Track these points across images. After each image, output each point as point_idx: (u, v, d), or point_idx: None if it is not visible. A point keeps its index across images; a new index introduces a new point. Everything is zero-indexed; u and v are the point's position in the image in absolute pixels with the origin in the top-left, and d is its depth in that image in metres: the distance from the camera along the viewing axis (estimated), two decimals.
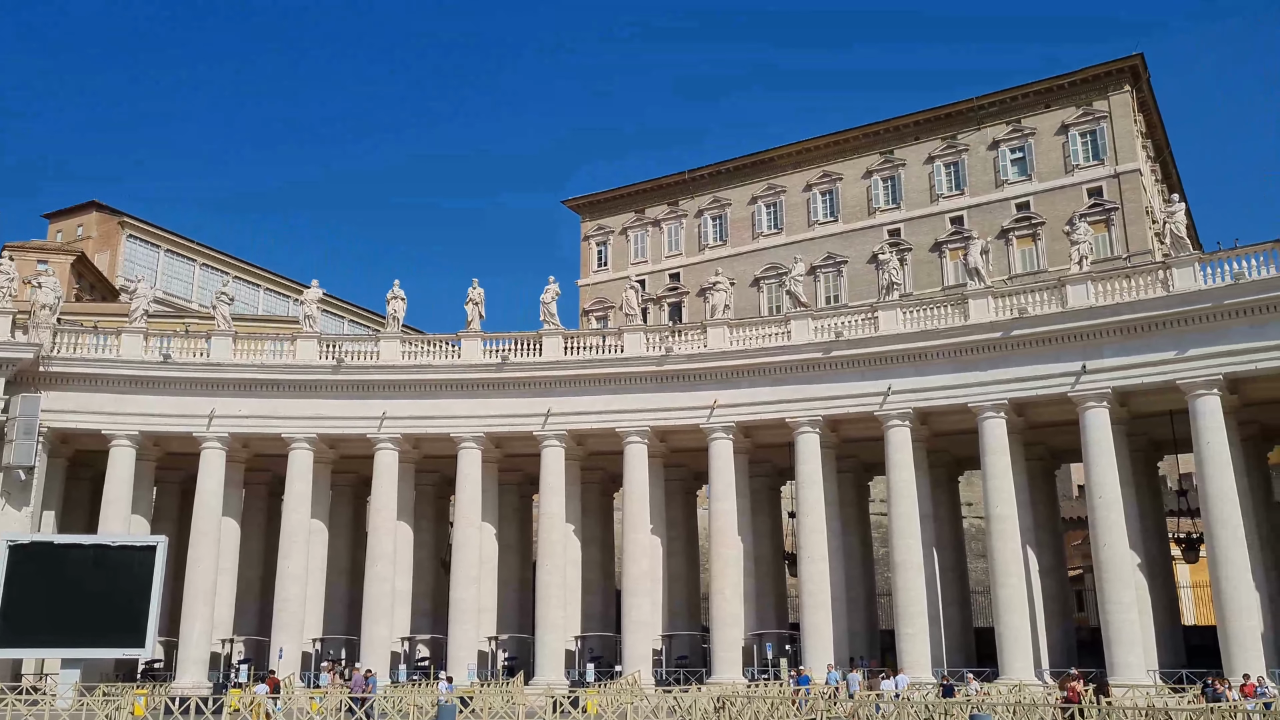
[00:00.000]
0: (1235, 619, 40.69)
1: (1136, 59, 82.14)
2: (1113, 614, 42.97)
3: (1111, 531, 43.72)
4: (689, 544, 60.51)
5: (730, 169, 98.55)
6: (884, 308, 49.70)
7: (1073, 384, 44.92)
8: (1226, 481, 41.85)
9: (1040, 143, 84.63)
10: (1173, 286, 43.61)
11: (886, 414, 48.23)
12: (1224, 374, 42.24)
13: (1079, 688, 37.00)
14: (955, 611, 52.51)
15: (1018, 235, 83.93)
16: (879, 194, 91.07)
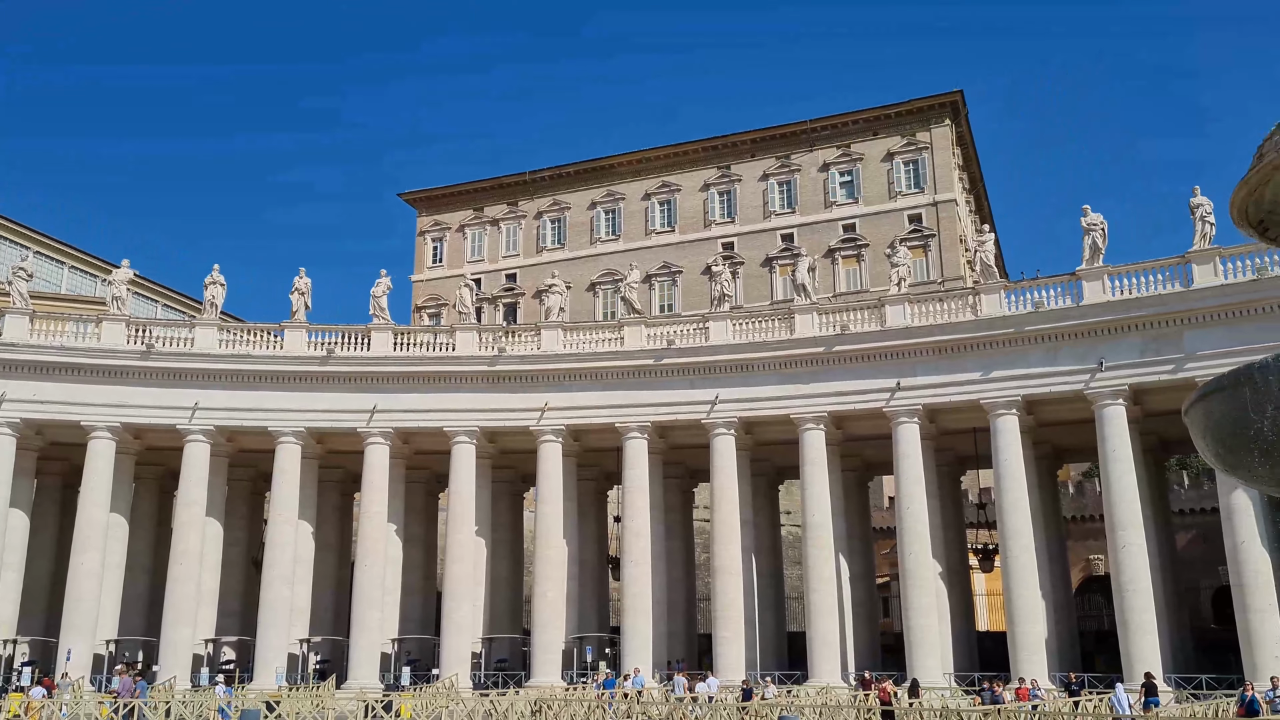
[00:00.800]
0: (1023, 625, 43.62)
1: (956, 95, 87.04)
2: (915, 619, 45.30)
3: (917, 541, 46.08)
4: (514, 546, 60.17)
5: (571, 173, 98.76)
6: (715, 318, 50.88)
7: (888, 399, 47.14)
8: (1021, 496, 44.82)
9: (867, 168, 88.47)
10: (980, 311, 46.42)
11: (713, 422, 49.35)
12: (1022, 396, 45.23)
13: (891, 688, 38.85)
14: (770, 616, 54.14)
15: (843, 255, 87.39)
16: (715, 207, 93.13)
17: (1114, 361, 43.40)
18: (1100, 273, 44.49)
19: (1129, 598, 41.96)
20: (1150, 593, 42.13)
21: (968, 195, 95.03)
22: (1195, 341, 41.74)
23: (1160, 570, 44.99)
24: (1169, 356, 42.41)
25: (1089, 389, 43.86)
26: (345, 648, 50.74)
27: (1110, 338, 43.78)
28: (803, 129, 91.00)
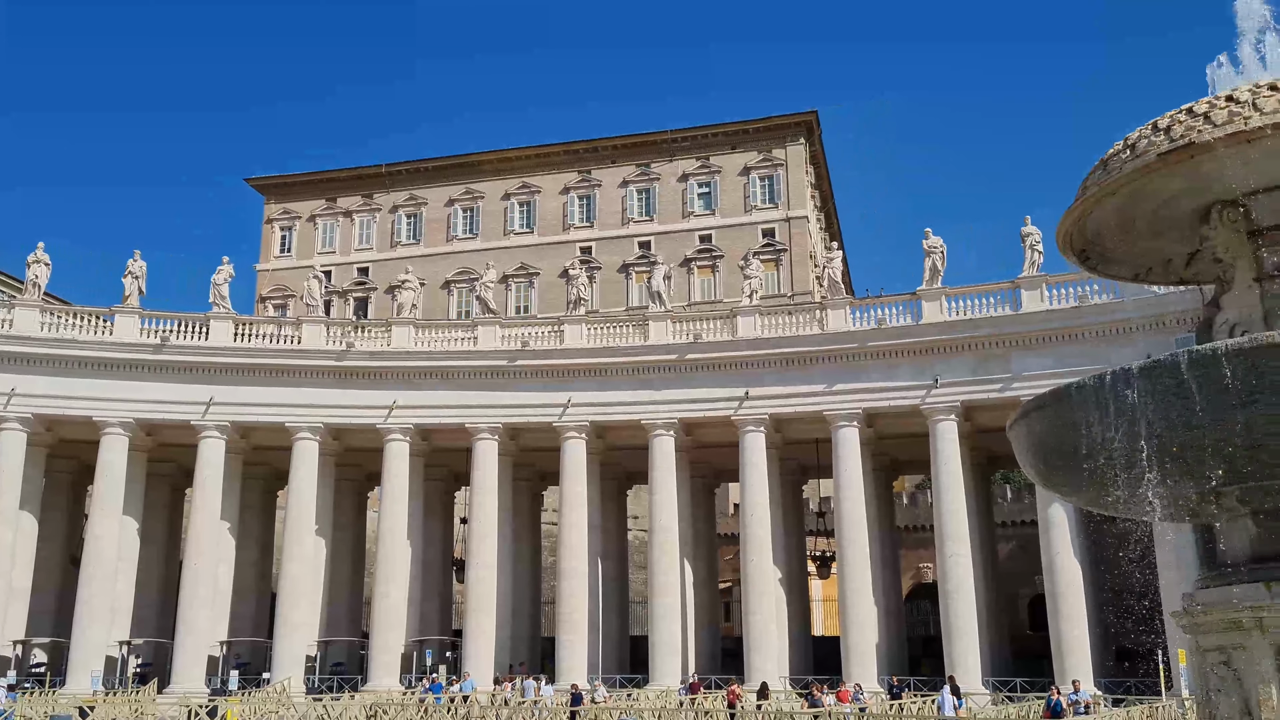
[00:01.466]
0: (856, 630, 45.30)
1: (811, 115, 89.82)
2: (754, 624, 46.42)
3: (759, 548, 47.24)
4: (356, 547, 58.67)
5: (430, 168, 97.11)
6: (570, 322, 50.94)
7: (736, 408, 48.18)
8: (858, 506, 46.52)
9: (725, 181, 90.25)
10: (827, 326, 48.01)
11: (565, 425, 49.36)
12: (863, 409, 46.98)
13: (739, 690, 39.66)
14: (615, 620, 54.48)
15: (699, 265, 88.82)
16: (575, 211, 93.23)
17: (948, 379, 45.55)
18: (938, 294, 46.66)
19: (954, 605, 44.06)
20: (973, 600, 44.35)
21: (819, 213, 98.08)
22: (1022, 363, 44.22)
23: (983, 579, 47.41)
24: (998, 376, 44.81)
25: (924, 404, 45.90)
26: (171, 650, 48.37)
27: (945, 356, 45.94)
28: (664, 138, 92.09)
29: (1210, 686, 7.92)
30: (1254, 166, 7.90)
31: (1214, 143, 7.67)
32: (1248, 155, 7.73)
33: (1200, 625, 8.11)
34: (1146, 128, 8.23)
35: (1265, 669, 7.27)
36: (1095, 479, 8.18)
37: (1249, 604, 7.49)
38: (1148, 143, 8.08)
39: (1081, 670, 41.37)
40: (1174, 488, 7.84)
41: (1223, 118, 7.67)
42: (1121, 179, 8.29)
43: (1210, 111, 7.78)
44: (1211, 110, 7.79)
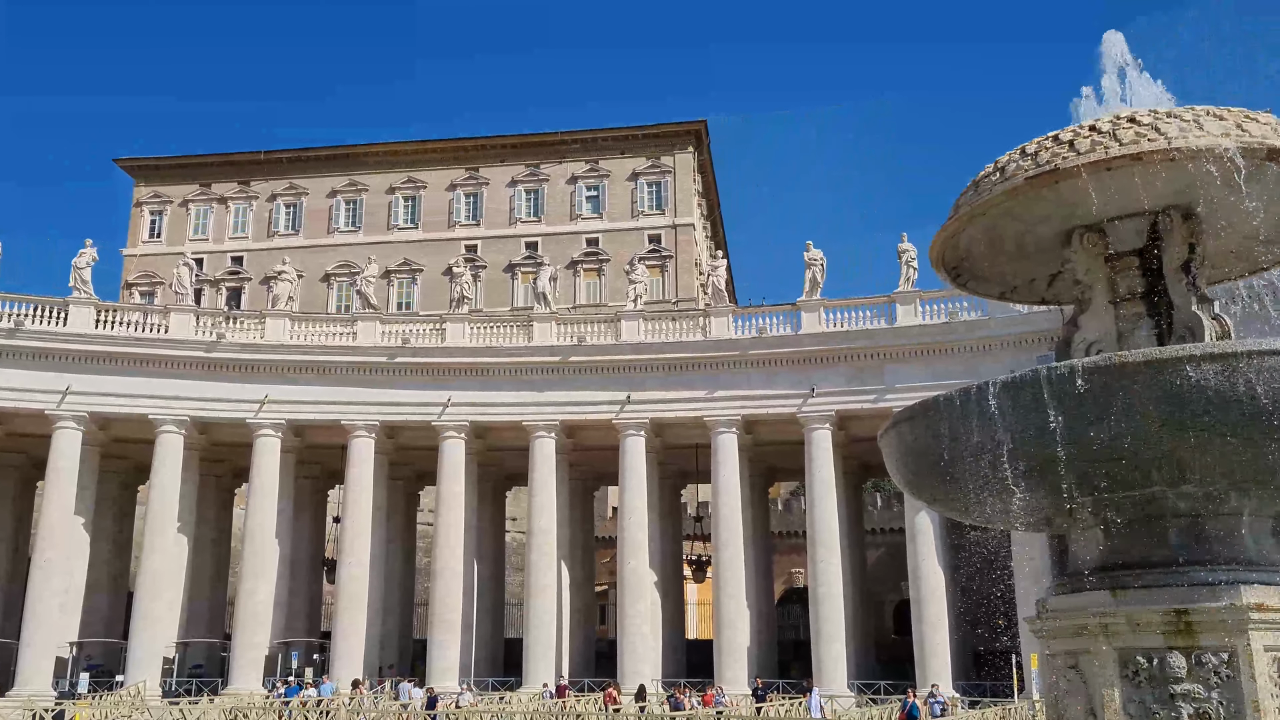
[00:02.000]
0: (728, 633, 45.92)
1: (700, 125, 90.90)
2: (629, 627, 46.59)
3: (637, 551, 47.45)
4: (221, 544, 56.63)
5: (313, 157, 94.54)
6: (453, 320, 50.29)
7: (618, 412, 48.32)
8: (735, 511, 47.20)
9: (614, 185, 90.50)
10: (709, 333, 48.60)
11: (444, 425, 48.67)
12: (742, 415, 47.70)
13: (615, 694, 39.72)
14: (489, 621, 53.97)
15: (585, 268, 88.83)
16: (461, 208, 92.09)
17: (825, 388, 46.62)
18: (817, 305, 47.75)
19: (823, 609, 45.10)
20: (842, 605, 45.46)
21: (705, 221, 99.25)
22: (896, 374, 45.59)
23: (852, 584, 48.64)
24: (872, 387, 46.08)
25: (801, 412, 46.88)
26: (15, 651, 45.72)
27: (823, 366, 47.02)
28: (554, 140, 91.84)
29: (1059, 689, 8.26)
30: (1112, 194, 8.30)
31: (1077, 170, 8.03)
32: (1107, 183, 8.12)
33: (1051, 631, 8.46)
34: (1016, 152, 8.58)
35: (1109, 673, 7.63)
36: (959, 489, 8.46)
37: (1096, 611, 7.85)
38: (1016, 166, 8.41)
39: (942, 674, 42.85)
40: (1031, 499, 8.17)
41: (1086, 146, 8.04)
42: (991, 200, 8.61)
43: (1075, 140, 8.15)
44: (1076, 139, 8.15)
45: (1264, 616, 7.27)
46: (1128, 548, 8.16)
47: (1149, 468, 7.46)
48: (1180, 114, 7.97)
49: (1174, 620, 7.48)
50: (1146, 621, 7.58)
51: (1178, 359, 6.99)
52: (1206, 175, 7.75)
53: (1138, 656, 7.54)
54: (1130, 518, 8.10)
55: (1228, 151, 7.56)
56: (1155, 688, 7.43)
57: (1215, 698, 7.24)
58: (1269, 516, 8.02)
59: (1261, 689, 7.15)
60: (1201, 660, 7.36)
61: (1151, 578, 7.78)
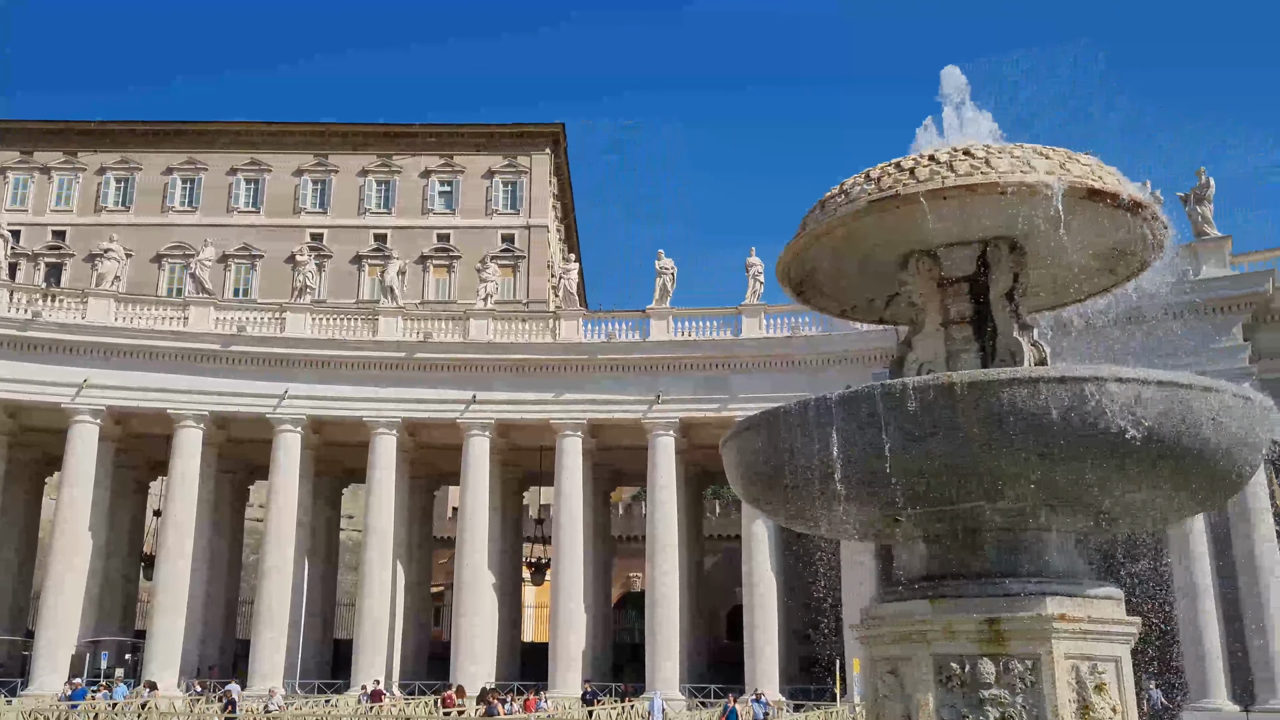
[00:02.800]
0: (564, 636, 45.94)
1: (558, 127, 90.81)
2: (465, 629, 46.03)
3: (476, 552, 46.93)
4: (28, 536, 53.06)
5: (149, 131, 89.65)
6: (294, 310, 48.65)
7: (462, 411, 47.70)
8: (577, 514, 47.27)
9: (468, 182, 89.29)
10: (559, 336, 48.57)
11: (280, 418, 46.98)
12: (588, 419, 47.85)
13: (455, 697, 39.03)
14: (318, 622, 52.36)
15: (435, 264, 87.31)
16: (307, 195, 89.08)
17: (670, 396, 47.27)
18: (666, 313, 48.40)
19: (659, 613, 45.66)
20: (677, 610, 46.14)
21: (560, 224, 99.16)
22: (739, 385, 46.63)
23: (688, 589, 49.44)
24: (716, 396, 46.99)
25: (646, 419, 47.38)
26: None
27: (670, 373, 47.66)
28: (409, 132, 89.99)
29: (879, 694, 8.60)
30: (947, 222, 8.72)
31: (916, 197, 8.39)
32: (942, 211, 8.52)
33: (874, 637, 8.79)
34: (860, 176, 8.90)
35: (925, 678, 7.98)
36: (794, 498, 8.70)
37: (916, 618, 8.20)
38: (860, 190, 8.73)
39: (770, 678, 44.02)
40: (862, 510, 8.47)
41: (925, 175, 8.42)
42: (835, 221, 8.91)
43: (915, 168, 8.52)
44: (916, 167, 8.52)
45: (1066, 625, 7.75)
46: (948, 559, 8.55)
47: (970, 483, 7.84)
48: (1011, 150, 8.44)
49: (986, 629, 7.88)
50: (962, 629, 7.96)
51: (997, 382, 7.38)
52: (1032, 210, 8.24)
53: (952, 663, 7.90)
54: (951, 530, 8.50)
55: (1051, 189, 8.05)
56: (966, 692, 7.81)
57: (1019, 702, 7.67)
58: (1074, 532, 8.57)
59: (1061, 694, 7.62)
60: (1009, 667, 7.78)
61: (968, 588, 8.17)
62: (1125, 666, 8.11)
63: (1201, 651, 37.86)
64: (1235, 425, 7.57)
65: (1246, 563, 38.41)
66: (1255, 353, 39.91)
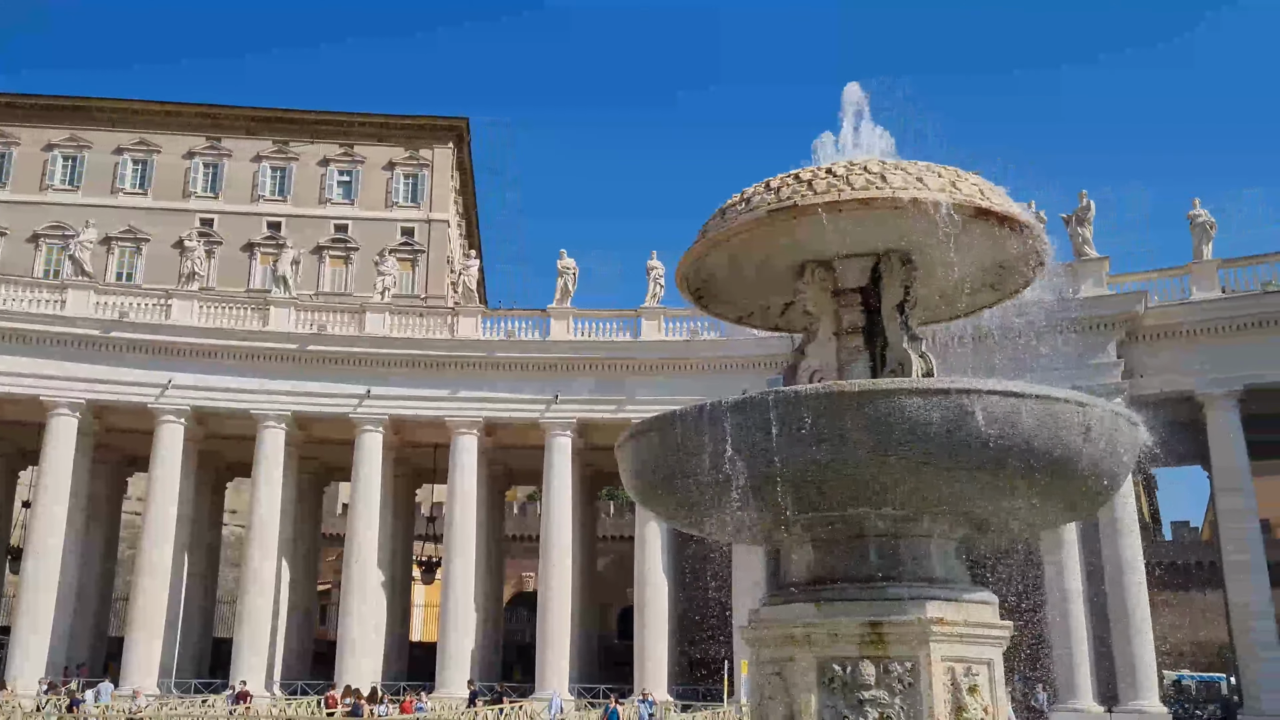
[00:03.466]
0: (454, 636, 45.45)
1: (462, 122, 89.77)
2: (351, 627, 45.13)
3: (365, 550, 46.05)
4: None
5: (28, 104, 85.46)
6: (180, 296, 47.05)
7: (355, 406, 46.77)
8: (470, 513, 46.79)
9: (368, 172, 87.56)
10: (457, 332, 48.04)
11: (162, 408, 45.35)
12: (485, 418, 47.42)
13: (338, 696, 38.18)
14: (198, 619, 50.77)
15: (332, 255, 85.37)
16: (198, 179, 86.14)
17: (568, 396, 47.17)
18: (567, 313, 48.31)
19: (550, 614, 45.52)
20: (569, 610, 46.08)
21: (461, 219, 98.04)
22: (637, 388, 46.80)
23: (580, 590, 49.40)
24: (614, 398, 47.07)
25: (544, 418, 47.19)
26: None
27: (569, 374, 47.56)
28: (308, 118, 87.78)
29: (764, 694, 8.74)
30: (842, 234, 8.92)
31: (813, 208, 8.58)
32: (839, 223, 8.72)
33: (761, 639, 8.93)
34: (760, 185, 9.05)
35: (808, 680, 8.15)
36: (687, 501, 8.79)
37: (801, 621, 8.37)
38: (760, 199, 8.88)
39: (659, 678, 44.30)
40: (753, 514, 8.61)
41: (823, 187, 8.60)
42: (735, 228, 9.03)
43: (814, 180, 8.70)
44: (814, 179, 8.71)
45: (943, 629, 8.00)
46: (834, 563, 8.74)
47: (857, 490, 8.04)
48: (905, 166, 8.69)
49: (868, 632, 8.09)
50: (845, 633, 8.15)
51: (884, 391, 7.60)
52: (923, 225, 8.49)
53: (834, 665, 8.09)
54: (838, 535, 8.70)
55: (941, 206, 8.31)
56: (847, 694, 8.00)
57: (898, 704, 7.89)
58: (954, 539, 8.85)
59: (937, 695, 7.87)
60: (889, 669, 8.00)
61: (852, 592, 8.38)
62: (997, 669, 8.42)
63: (1071, 654, 39.49)
64: (1106, 438, 7.93)
65: (1114, 570, 40.21)
66: (1127, 369, 41.81)
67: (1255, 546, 41.11)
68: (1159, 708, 39.33)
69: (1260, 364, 40.76)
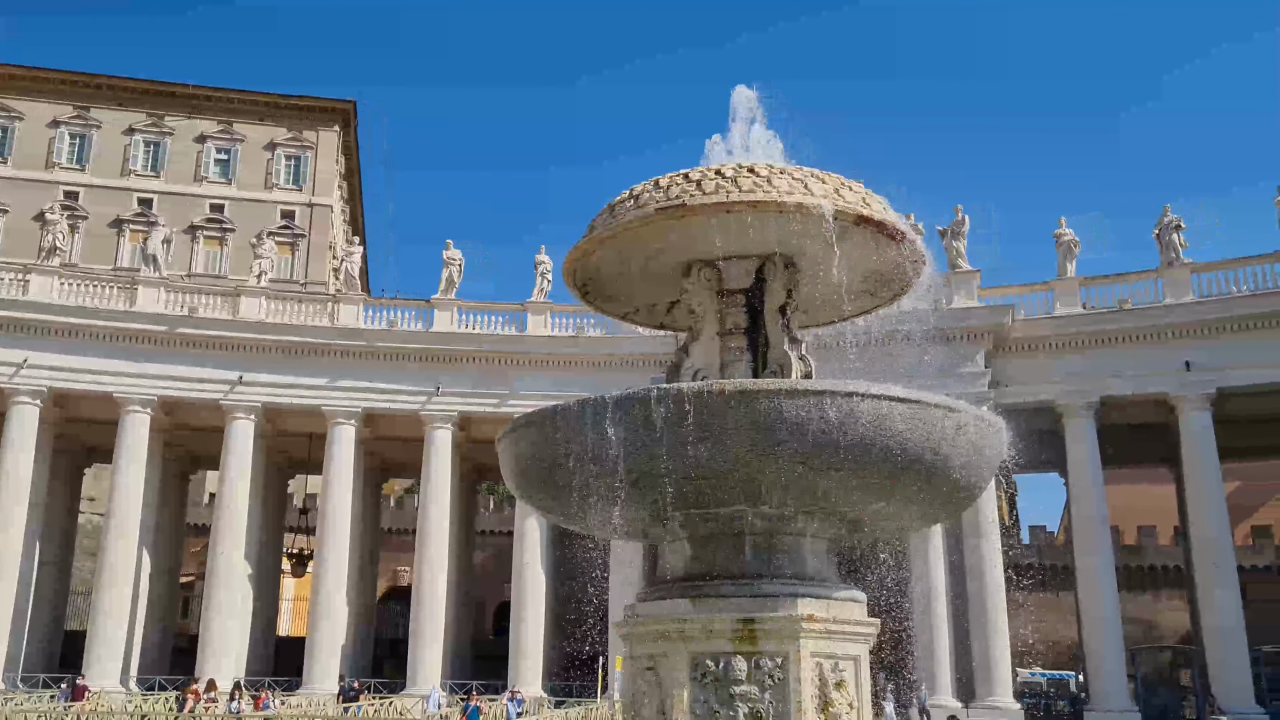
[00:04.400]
0: (324, 630, 44.41)
1: (349, 105, 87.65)
2: (214, 621, 43.65)
3: (232, 541, 44.59)
4: None
5: None
6: (40, 272, 44.73)
7: (227, 392, 45.24)
8: (345, 505, 45.77)
9: (248, 152, 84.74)
10: (338, 320, 46.93)
11: (15, 388, 43.04)
12: (364, 408, 46.45)
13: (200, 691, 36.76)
14: (48, 610, 48.34)
15: (207, 235, 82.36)
16: (64, 149, 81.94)
17: (450, 389, 46.58)
18: (451, 305, 47.69)
19: (425, 608, 44.90)
20: (444, 605, 45.53)
21: (345, 205, 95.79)
22: (521, 382, 46.52)
23: (457, 585, 48.87)
24: (497, 392, 46.69)
25: (424, 410, 46.49)
26: None
27: (451, 366, 46.96)
28: (184, 92, 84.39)
29: (637, 690, 8.79)
30: (728, 235, 9.04)
31: (701, 208, 8.67)
32: (725, 224, 8.84)
33: (636, 634, 8.98)
34: (649, 183, 9.10)
35: (681, 675, 8.24)
36: (566, 497, 8.78)
37: (676, 617, 8.45)
38: (649, 196, 8.92)
39: (535, 673, 44.19)
40: (632, 511, 8.65)
41: (711, 188, 8.70)
42: (623, 225, 9.06)
43: (702, 180, 8.79)
44: (703, 180, 8.80)
45: (813, 626, 8.19)
46: (711, 560, 8.85)
47: (735, 488, 8.16)
48: (792, 171, 8.86)
49: (741, 628, 8.21)
50: (718, 629, 8.26)
51: (764, 391, 7.74)
52: (807, 230, 8.68)
53: (707, 660, 8.20)
54: (715, 533, 8.81)
55: (825, 212, 8.51)
56: (719, 689, 8.11)
57: (767, 698, 8.04)
58: (827, 538, 9.07)
59: (806, 690, 8.05)
60: (760, 664, 8.14)
61: (726, 588, 8.50)
62: (863, 665, 8.66)
63: (933, 651, 40.96)
64: (972, 442, 8.24)
65: (975, 571, 41.87)
66: (994, 379, 43.57)
67: (1105, 551, 43.38)
68: (1012, 704, 41.17)
69: (1115, 377, 43.02)
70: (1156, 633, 65.91)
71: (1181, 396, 42.24)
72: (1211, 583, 41.57)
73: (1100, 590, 42.48)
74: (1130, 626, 49.19)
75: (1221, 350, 41.90)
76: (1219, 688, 40.19)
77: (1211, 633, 41.53)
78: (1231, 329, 41.75)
